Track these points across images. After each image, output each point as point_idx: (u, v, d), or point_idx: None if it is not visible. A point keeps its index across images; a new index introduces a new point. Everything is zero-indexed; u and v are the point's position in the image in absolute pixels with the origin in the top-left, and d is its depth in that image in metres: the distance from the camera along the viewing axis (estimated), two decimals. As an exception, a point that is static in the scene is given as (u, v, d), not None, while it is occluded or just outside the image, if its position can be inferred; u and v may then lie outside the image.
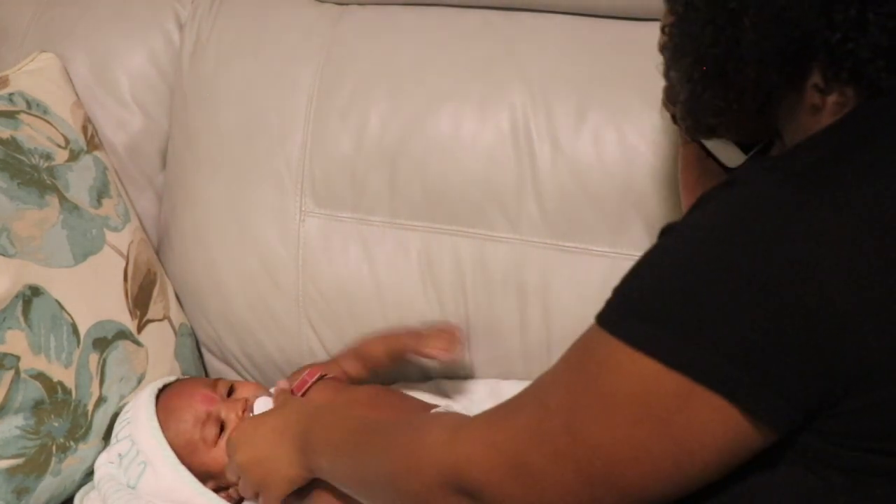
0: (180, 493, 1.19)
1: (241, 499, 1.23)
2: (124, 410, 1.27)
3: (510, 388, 1.34)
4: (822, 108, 0.79)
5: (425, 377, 1.40)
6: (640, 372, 0.72)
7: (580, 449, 0.75)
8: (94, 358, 1.25)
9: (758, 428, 0.70)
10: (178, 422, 1.23)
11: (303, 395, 1.28)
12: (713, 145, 1.04)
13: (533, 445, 0.78)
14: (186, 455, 1.21)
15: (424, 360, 1.37)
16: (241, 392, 1.27)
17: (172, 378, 1.33)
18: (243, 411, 1.24)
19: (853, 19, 0.74)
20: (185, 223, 1.46)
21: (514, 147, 1.33)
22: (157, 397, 1.27)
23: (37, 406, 1.17)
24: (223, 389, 1.27)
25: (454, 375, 1.39)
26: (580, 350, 0.80)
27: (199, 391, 1.27)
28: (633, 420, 0.73)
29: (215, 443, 1.22)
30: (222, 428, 1.23)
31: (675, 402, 0.71)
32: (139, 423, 1.23)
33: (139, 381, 1.32)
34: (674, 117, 0.96)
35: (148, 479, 1.20)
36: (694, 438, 0.71)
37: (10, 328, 1.15)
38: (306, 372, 1.30)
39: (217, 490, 1.21)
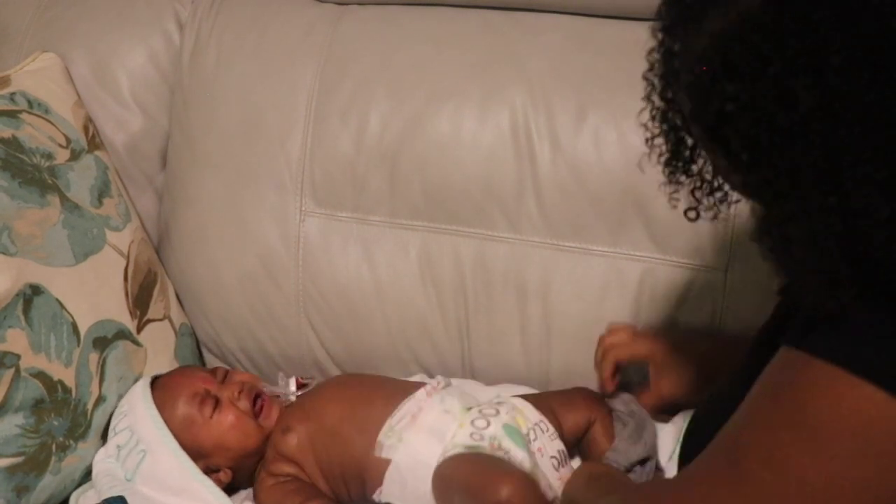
0: (178, 479, 1.20)
1: (229, 484, 1.24)
2: (120, 405, 1.28)
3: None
4: None
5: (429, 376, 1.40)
6: (860, 399, 0.69)
7: (785, 486, 0.72)
8: (93, 357, 1.25)
9: None
10: (175, 398, 1.25)
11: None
12: None
13: (732, 493, 0.75)
14: (182, 430, 1.23)
15: (428, 364, 1.39)
16: (237, 378, 1.30)
17: (164, 371, 1.34)
18: (239, 392, 1.25)
19: None
20: (185, 223, 1.46)
21: (514, 147, 1.33)
22: (153, 386, 1.29)
23: (37, 405, 1.17)
24: (220, 375, 1.30)
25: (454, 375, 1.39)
26: (776, 384, 0.76)
27: (196, 372, 1.30)
28: (853, 451, 0.69)
29: (210, 418, 1.23)
30: (216, 406, 1.25)
31: None
32: (137, 411, 1.25)
33: (137, 381, 1.32)
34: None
35: (147, 467, 1.21)
36: None
37: (10, 327, 1.15)
38: None
39: (207, 472, 1.22)
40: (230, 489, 1.25)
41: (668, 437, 1.21)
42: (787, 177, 0.69)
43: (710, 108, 0.70)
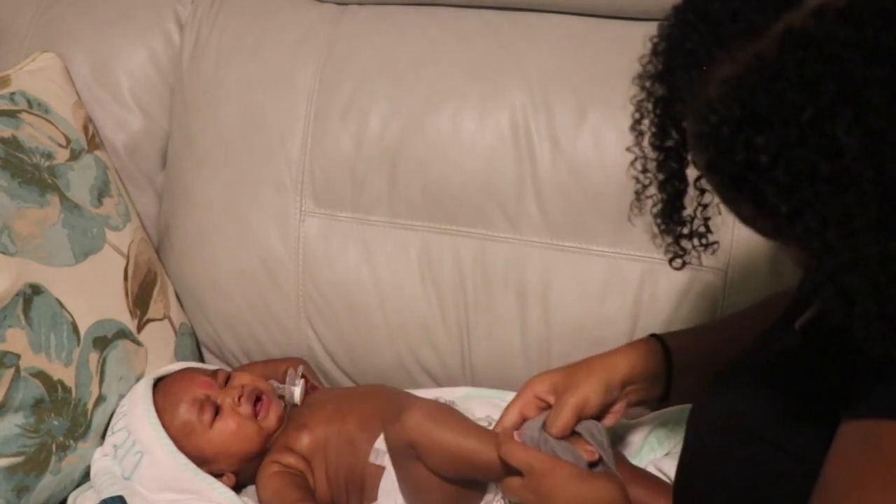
0: (179, 481, 1.20)
1: (238, 486, 1.24)
2: (121, 404, 1.28)
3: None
4: None
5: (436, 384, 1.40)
6: None
7: None
8: (93, 357, 1.25)
9: None
10: (175, 404, 1.24)
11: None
12: None
13: None
14: (182, 437, 1.22)
15: (428, 365, 1.39)
16: (238, 380, 1.29)
17: (168, 370, 1.34)
18: (239, 397, 1.25)
19: None
20: (185, 223, 1.46)
21: (514, 147, 1.33)
22: (155, 388, 1.28)
23: (37, 404, 1.17)
24: (221, 378, 1.29)
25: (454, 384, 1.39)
26: (876, 463, 0.71)
27: (197, 377, 1.29)
28: None
29: (210, 426, 1.23)
30: (217, 412, 1.24)
31: None
32: (136, 413, 1.24)
33: (138, 381, 1.32)
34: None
35: (145, 468, 1.21)
36: None
37: (10, 326, 1.15)
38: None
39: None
40: (233, 488, 1.24)
41: (636, 435, 1.24)
42: (837, 227, 0.64)
43: (734, 158, 0.66)
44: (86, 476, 1.26)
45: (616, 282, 1.31)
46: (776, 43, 0.64)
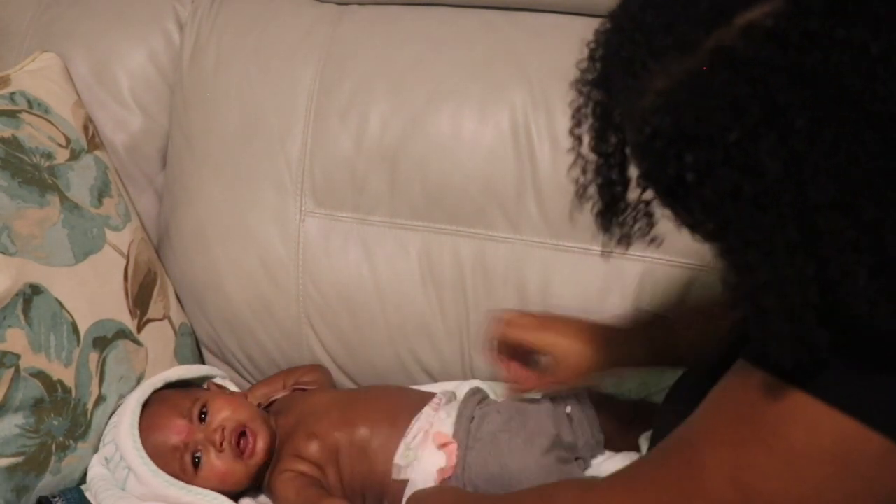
0: (166, 497, 1.19)
1: (238, 497, 1.24)
2: (115, 413, 1.27)
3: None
4: None
5: (431, 380, 1.40)
6: (839, 431, 0.68)
7: None
8: (93, 357, 1.25)
9: None
10: (157, 455, 1.22)
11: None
12: None
13: None
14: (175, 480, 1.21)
15: (428, 365, 1.39)
16: (218, 416, 1.24)
17: (163, 381, 1.33)
18: (221, 441, 1.21)
19: None
20: (185, 223, 1.46)
21: (514, 147, 1.33)
22: (147, 402, 1.28)
23: (37, 405, 1.17)
24: (197, 411, 1.24)
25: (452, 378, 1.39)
26: (742, 403, 0.74)
27: (173, 421, 1.24)
28: (826, 476, 0.69)
29: (196, 472, 1.21)
30: (200, 458, 1.21)
31: (879, 463, 0.68)
32: (122, 429, 1.23)
33: (138, 381, 1.32)
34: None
35: (132, 484, 1.21)
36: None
37: (10, 326, 1.15)
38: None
39: None
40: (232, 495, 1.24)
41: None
42: (758, 247, 0.64)
43: (667, 170, 0.66)
44: (85, 476, 1.26)
45: (616, 282, 1.31)
46: (707, 60, 0.63)
